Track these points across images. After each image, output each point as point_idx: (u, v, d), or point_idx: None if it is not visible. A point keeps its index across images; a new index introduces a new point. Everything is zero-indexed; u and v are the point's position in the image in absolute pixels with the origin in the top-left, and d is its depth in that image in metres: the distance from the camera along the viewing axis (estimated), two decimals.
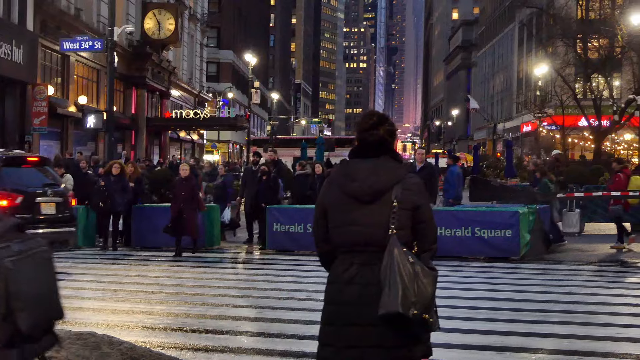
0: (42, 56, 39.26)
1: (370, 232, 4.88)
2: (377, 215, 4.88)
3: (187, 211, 19.84)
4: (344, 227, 4.95)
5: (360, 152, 5.08)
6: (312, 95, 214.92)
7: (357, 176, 4.96)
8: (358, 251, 4.92)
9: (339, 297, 4.93)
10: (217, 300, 13.45)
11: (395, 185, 4.92)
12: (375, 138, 5.02)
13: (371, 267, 4.85)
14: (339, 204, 4.99)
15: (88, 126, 40.84)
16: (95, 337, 5.96)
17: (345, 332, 4.87)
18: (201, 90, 76.85)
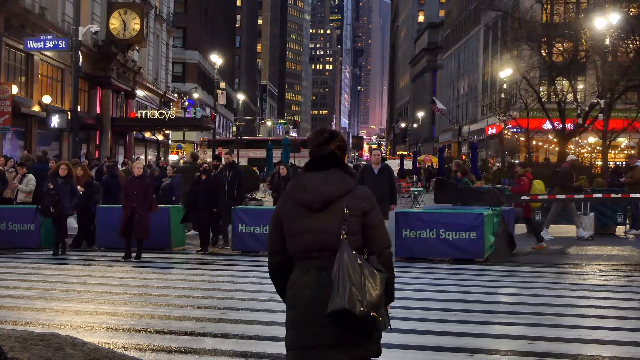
0: (5, 55, 38.99)
1: (323, 238, 5.21)
2: (328, 222, 5.22)
3: (139, 211, 19.17)
4: (298, 235, 5.27)
5: (312, 166, 5.46)
6: (278, 96, 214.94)
7: (308, 187, 5.32)
8: (313, 257, 5.23)
9: (297, 300, 5.25)
10: (182, 302, 13.40)
11: (345, 195, 5.28)
12: (326, 153, 5.42)
13: (326, 271, 5.15)
14: (293, 214, 5.33)
15: (52, 126, 40.65)
16: (58, 338, 5.91)
17: (304, 334, 5.19)
18: (167, 90, 76.59)
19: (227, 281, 16.22)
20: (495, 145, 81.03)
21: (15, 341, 5.70)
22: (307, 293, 5.20)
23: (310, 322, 5.17)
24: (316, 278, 5.20)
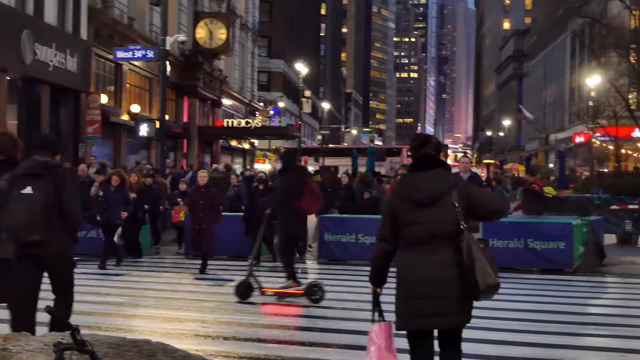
0: (95, 65, 39.63)
1: (434, 228, 6.48)
2: (438, 215, 6.50)
3: (206, 222, 18.35)
4: (412, 226, 6.52)
5: (416, 167, 6.79)
6: (362, 104, 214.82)
7: (419, 186, 6.59)
8: (424, 243, 6.49)
9: (409, 277, 6.53)
10: (270, 310, 13.45)
11: (452, 190, 6.55)
12: (424, 154, 6.71)
13: (433, 254, 6.47)
14: (405, 209, 6.58)
15: (141, 134, 41.19)
16: (150, 345, 5.96)
17: (414, 303, 6.46)
18: (252, 99, 77.11)
19: None
20: (583, 153, 79.79)
21: (108, 347, 5.76)
22: (418, 271, 6.47)
23: (419, 295, 6.43)
24: (426, 260, 6.46)
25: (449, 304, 6.41)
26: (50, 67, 33.79)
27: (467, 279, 6.41)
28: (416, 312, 6.46)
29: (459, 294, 6.45)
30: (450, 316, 6.45)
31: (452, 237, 6.48)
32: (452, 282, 6.43)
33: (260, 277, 14.93)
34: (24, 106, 34.25)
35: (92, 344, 4.50)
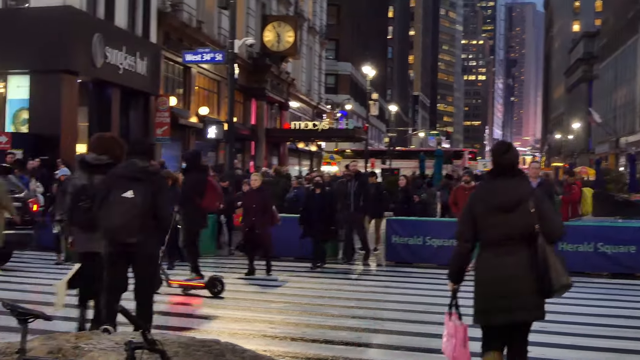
0: (164, 68, 40.05)
1: (512, 232, 7.06)
2: (516, 219, 7.06)
3: (259, 226, 17.83)
4: (492, 228, 7.11)
5: (497, 173, 7.33)
6: (430, 107, 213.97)
7: (500, 192, 7.20)
8: (503, 245, 7.06)
9: (489, 274, 7.11)
10: (337, 311, 13.45)
11: (529, 198, 7.14)
12: (508, 162, 7.29)
13: (510, 255, 7.04)
14: (486, 213, 7.14)
15: (209, 137, 41.38)
16: (219, 345, 6.00)
17: (495, 299, 7.05)
18: (319, 101, 77.24)
19: (381, 292, 16.21)
20: None
21: (178, 346, 5.81)
22: (497, 271, 7.06)
23: (498, 293, 7.02)
24: (504, 260, 7.04)
25: (525, 301, 7.01)
26: (121, 70, 34.22)
27: (542, 278, 6.96)
28: (495, 308, 7.05)
29: (534, 292, 7.01)
30: (526, 312, 7.06)
31: (527, 239, 7.03)
32: (528, 280, 6.99)
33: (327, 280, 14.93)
34: (95, 108, 34.72)
35: (162, 343, 4.54)
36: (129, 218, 9.06)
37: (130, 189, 9.09)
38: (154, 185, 9.33)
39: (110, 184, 9.36)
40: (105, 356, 5.44)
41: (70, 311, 12.02)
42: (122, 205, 9.09)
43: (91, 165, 10.04)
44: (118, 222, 9.09)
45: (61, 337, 6.03)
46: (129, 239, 9.09)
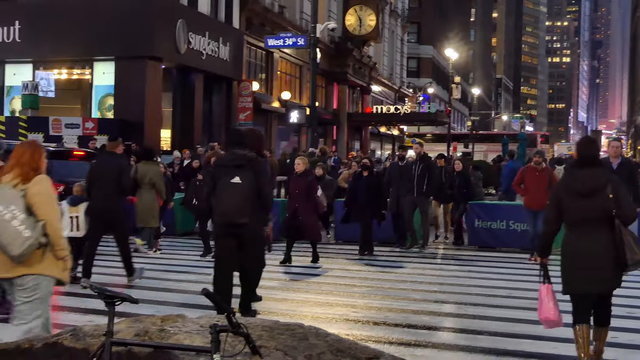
0: (247, 53, 40.31)
1: (591, 214, 8.28)
2: (596, 203, 8.24)
3: (302, 212, 16.73)
4: (575, 211, 8.37)
5: (581, 163, 8.56)
6: (513, 90, 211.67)
7: (582, 180, 8.39)
8: (584, 225, 8.33)
9: (573, 252, 8.37)
10: (419, 296, 13.42)
11: (607, 184, 8.28)
12: (591, 154, 8.59)
13: (591, 234, 8.28)
14: (569, 197, 8.42)
15: (291, 121, 41.66)
16: (302, 328, 6.03)
17: (578, 272, 8.31)
18: (401, 85, 77.01)
19: (463, 276, 16.11)
20: None
21: (262, 330, 5.85)
22: (581, 248, 8.30)
23: (583, 266, 8.27)
24: (586, 238, 8.30)
25: (606, 273, 8.25)
26: (204, 56, 34.55)
27: (618, 254, 8.15)
28: (581, 279, 8.32)
29: (613, 266, 8.23)
30: (608, 282, 8.35)
31: (607, 221, 8.22)
32: (607, 256, 8.20)
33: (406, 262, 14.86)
34: (179, 94, 35.13)
35: (247, 327, 4.59)
36: (239, 201, 10.26)
37: (236, 175, 10.22)
38: (254, 169, 10.45)
39: (218, 173, 10.65)
40: (190, 339, 5.51)
41: (157, 294, 12.21)
42: (232, 190, 10.28)
43: None
44: (231, 205, 10.28)
45: (147, 320, 6.12)
46: (241, 220, 10.26)
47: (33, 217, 7.12)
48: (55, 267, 7.25)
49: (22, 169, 7.31)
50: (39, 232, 7.08)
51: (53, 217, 7.26)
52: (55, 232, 7.21)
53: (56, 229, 7.25)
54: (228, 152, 10.97)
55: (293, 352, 5.41)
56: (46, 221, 7.15)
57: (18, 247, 6.98)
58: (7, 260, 7.06)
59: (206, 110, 36.79)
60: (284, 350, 5.42)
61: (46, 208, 7.20)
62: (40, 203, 7.18)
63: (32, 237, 7.03)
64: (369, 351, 5.82)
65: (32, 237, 7.03)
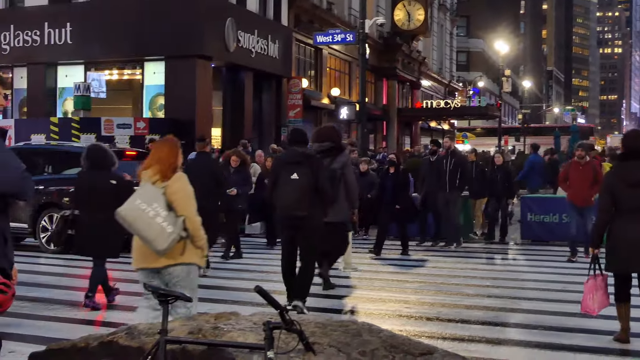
0: (296, 50, 40.34)
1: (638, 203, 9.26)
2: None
3: None
4: (624, 200, 9.31)
5: (628, 155, 9.45)
6: (564, 82, 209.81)
7: (630, 172, 9.33)
8: (632, 212, 9.27)
9: (623, 237, 9.26)
10: (472, 291, 13.37)
11: None
12: (636, 147, 9.39)
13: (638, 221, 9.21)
14: (621, 188, 9.32)
15: (341, 117, 41.63)
16: (356, 325, 6.04)
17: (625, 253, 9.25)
18: (451, 79, 76.66)
19: (517, 270, 16.05)
20: None
21: (315, 326, 5.86)
22: (628, 232, 9.23)
23: (628, 249, 9.19)
24: (633, 225, 9.21)
25: None
26: (253, 54, 34.62)
27: None
28: (626, 260, 9.26)
29: None
30: None
31: None
32: None
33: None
34: (228, 92, 35.24)
35: (300, 323, 4.59)
36: (298, 195, 10.97)
37: (295, 171, 10.90)
38: (312, 166, 11.13)
39: (279, 169, 11.41)
40: (243, 336, 5.54)
41: (210, 292, 12.28)
42: (291, 185, 11.00)
43: (319, 152, 12.24)
44: (290, 199, 11.03)
45: (201, 317, 6.17)
46: (300, 213, 10.99)
47: (173, 212, 7.72)
48: (195, 255, 7.91)
49: (161, 167, 7.90)
50: (180, 227, 7.70)
51: (192, 212, 7.84)
52: (194, 226, 7.82)
53: (195, 223, 7.84)
54: (288, 149, 12.01)
55: (346, 349, 5.41)
56: (186, 217, 7.76)
57: (163, 243, 7.61)
58: (152, 252, 7.72)
59: (256, 108, 36.87)
60: (338, 347, 5.42)
61: (185, 204, 7.83)
62: (180, 200, 7.80)
63: (175, 233, 7.65)
64: (422, 347, 5.81)
65: (175, 232, 7.65)
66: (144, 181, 7.99)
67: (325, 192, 11.26)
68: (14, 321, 10.36)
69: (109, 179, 11.68)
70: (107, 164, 11.88)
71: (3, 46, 34.85)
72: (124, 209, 7.78)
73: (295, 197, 10.98)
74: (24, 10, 35.16)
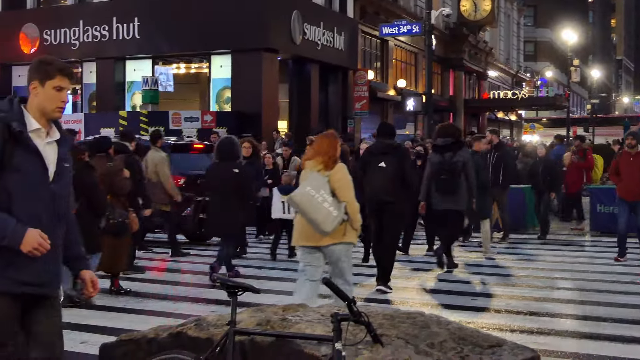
0: (362, 42, 40.30)
1: None
2: None
3: None
4: None
5: None
6: (634, 71, 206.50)
7: None
8: None
9: None
10: (541, 282, 13.27)
11: None
12: None
13: None
14: None
15: (408, 109, 41.52)
16: (423, 317, 6.02)
17: None
18: (518, 70, 75.95)
19: (586, 262, 15.88)
20: None
21: (383, 318, 5.86)
22: None
23: None
24: None
25: None
26: (319, 46, 34.67)
27: None
28: None
29: None
30: None
31: None
32: None
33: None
34: (295, 84, 35.34)
35: (368, 315, 4.59)
36: (384, 182, 12.03)
37: (382, 161, 11.72)
38: (398, 156, 12.28)
39: (368, 158, 12.67)
40: (311, 328, 5.55)
41: (278, 284, 12.34)
42: (379, 173, 12.14)
43: (441, 147, 13.99)
44: (378, 186, 12.07)
45: (269, 309, 6.20)
46: (387, 198, 11.99)
47: (335, 198, 8.86)
48: (352, 235, 9.19)
49: (324, 158, 9.04)
50: (342, 211, 8.89)
51: (352, 198, 9.04)
52: (354, 210, 9.03)
53: (354, 208, 9.05)
54: (377, 141, 13.08)
55: (414, 341, 5.40)
56: (347, 202, 8.94)
57: (329, 225, 8.78)
58: (315, 233, 8.89)
59: (322, 100, 36.91)
60: (405, 339, 5.41)
61: (347, 191, 9.00)
62: (342, 188, 8.96)
63: (339, 216, 8.85)
64: (491, 339, 5.78)
65: (339, 216, 8.84)
66: (308, 170, 9.18)
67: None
68: (86, 312, 10.53)
69: (233, 168, 13.14)
70: (233, 156, 13.42)
71: (72, 41, 35.35)
72: (297, 195, 8.99)
73: (382, 184, 12.05)
74: (93, 5, 35.63)
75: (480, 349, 5.44)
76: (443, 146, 13.98)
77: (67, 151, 5.10)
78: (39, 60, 5.04)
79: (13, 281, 4.75)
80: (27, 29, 36.42)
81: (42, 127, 4.91)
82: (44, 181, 4.87)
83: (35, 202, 4.83)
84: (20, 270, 4.76)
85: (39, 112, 4.91)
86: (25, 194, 4.79)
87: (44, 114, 4.92)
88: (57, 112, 4.96)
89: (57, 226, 4.94)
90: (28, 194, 4.80)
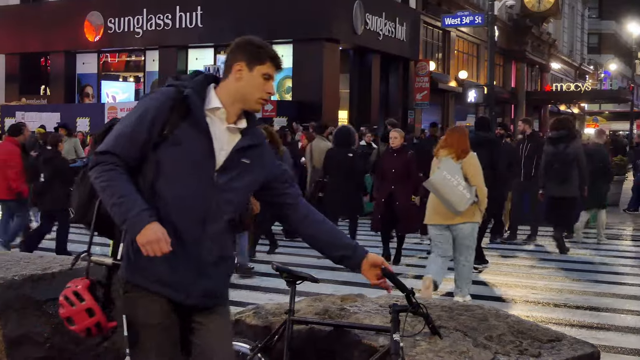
0: (423, 33, 40.16)
1: None
2: None
3: (401, 197, 13.74)
4: None
5: None
6: None
7: None
8: None
9: None
10: (601, 277, 13.13)
11: None
12: None
13: None
14: None
15: (469, 101, 41.29)
16: (482, 309, 6.00)
17: None
18: (582, 62, 75.14)
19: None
20: None
21: (441, 310, 5.85)
22: None
23: None
24: None
25: None
26: (380, 37, 34.62)
27: None
28: None
29: None
30: None
31: None
32: None
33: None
34: (355, 75, 35.33)
35: (426, 307, 4.60)
36: None
37: (476, 151, 11.43)
38: (491, 147, 13.72)
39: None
40: (369, 318, 5.56)
41: (336, 274, 12.37)
42: None
43: (555, 138, 15.48)
44: None
45: (327, 299, 6.21)
46: None
47: (467, 182, 10.23)
48: (479, 216, 10.54)
49: (455, 149, 10.44)
50: (473, 194, 10.24)
51: (481, 183, 10.40)
52: (483, 193, 10.39)
53: (483, 191, 10.41)
54: (474, 133, 13.87)
55: (473, 333, 5.38)
56: (477, 186, 10.31)
57: (463, 206, 10.19)
58: (448, 212, 10.31)
59: (383, 90, 36.87)
60: (464, 331, 5.40)
61: (477, 177, 10.39)
62: (473, 174, 10.36)
63: (471, 199, 10.22)
64: (550, 333, 5.74)
65: (471, 198, 10.21)
66: (442, 157, 10.49)
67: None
68: None
69: (348, 153, 14.84)
70: (349, 142, 15.20)
71: (136, 30, 35.70)
72: (435, 178, 10.35)
73: None
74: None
75: (539, 343, 5.41)
76: (557, 138, 15.47)
77: (252, 146, 4.30)
78: (246, 40, 4.44)
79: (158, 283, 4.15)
80: (92, 17, 36.86)
81: (223, 108, 4.19)
82: (205, 166, 4.12)
83: (189, 184, 4.08)
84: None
85: (237, 97, 4.23)
86: (177, 173, 4.08)
87: (243, 101, 4.24)
88: (259, 103, 4.32)
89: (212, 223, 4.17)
90: (181, 174, 4.08)
